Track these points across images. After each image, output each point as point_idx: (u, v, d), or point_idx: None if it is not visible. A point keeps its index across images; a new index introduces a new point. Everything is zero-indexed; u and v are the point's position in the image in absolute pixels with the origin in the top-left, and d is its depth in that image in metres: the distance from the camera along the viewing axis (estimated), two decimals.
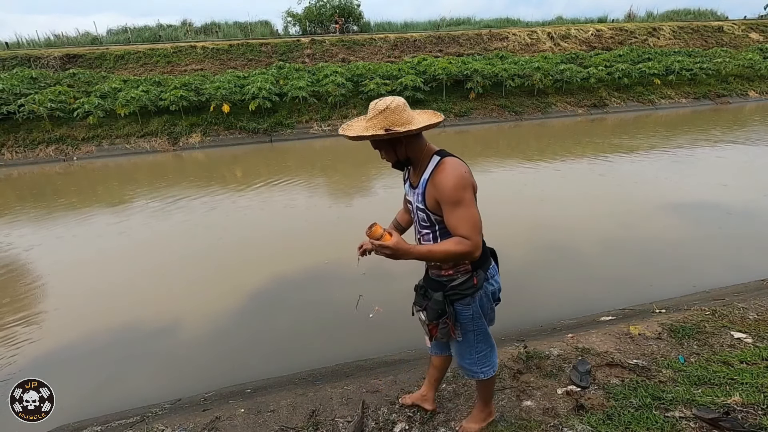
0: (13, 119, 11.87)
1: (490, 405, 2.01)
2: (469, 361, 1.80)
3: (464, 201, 1.48)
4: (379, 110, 1.49)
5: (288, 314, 3.90)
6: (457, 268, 1.65)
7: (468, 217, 1.48)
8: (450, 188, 1.48)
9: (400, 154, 1.60)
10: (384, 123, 1.49)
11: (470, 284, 1.64)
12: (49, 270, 5.11)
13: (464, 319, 1.70)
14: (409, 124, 1.50)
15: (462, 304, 1.68)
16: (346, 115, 13.53)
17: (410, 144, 1.57)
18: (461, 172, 1.50)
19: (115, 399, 2.97)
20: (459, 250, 1.47)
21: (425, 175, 1.58)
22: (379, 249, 1.44)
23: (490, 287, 1.72)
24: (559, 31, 20.74)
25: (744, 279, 3.89)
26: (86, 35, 20.80)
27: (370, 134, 1.48)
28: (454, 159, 1.55)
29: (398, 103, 1.50)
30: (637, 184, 7.04)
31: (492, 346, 1.82)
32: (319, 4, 23.60)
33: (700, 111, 15.04)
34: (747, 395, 1.96)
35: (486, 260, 1.70)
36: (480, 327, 1.74)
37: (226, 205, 7.05)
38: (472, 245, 1.47)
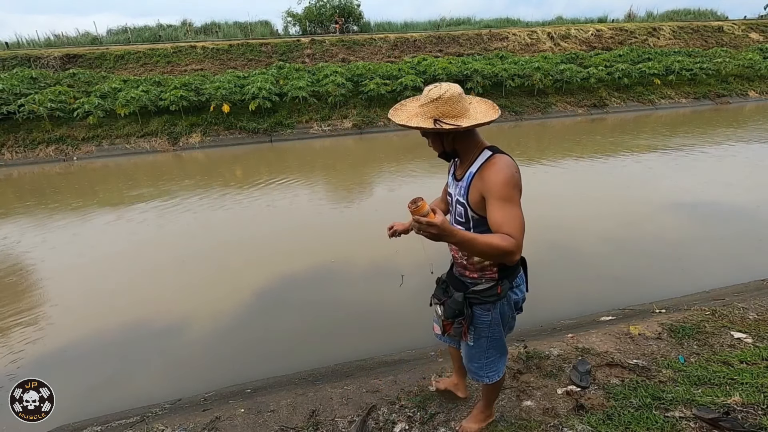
0: (13, 119, 11.86)
1: (492, 407, 2.01)
2: (477, 365, 1.76)
3: (513, 199, 1.40)
4: (432, 99, 1.41)
5: (288, 314, 3.90)
6: (482, 273, 1.60)
7: (515, 215, 1.38)
8: (500, 183, 1.40)
9: (447, 146, 1.53)
10: (434, 113, 1.41)
11: (493, 292, 1.59)
12: (49, 270, 5.10)
13: (481, 324, 1.65)
14: (461, 117, 1.41)
15: (481, 309, 1.63)
16: (346, 115, 13.54)
17: (459, 136, 1.49)
18: (513, 171, 1.42)
19: (115, 399, 2.97)
20: (502, 246, 1.33)
21: (473, 168, 1.49)
22: (425, 227, 1.26)
23: (513, 296, 1.66)
24: (559, 31, 20.74)
25: (744, 279, 3.89)
26: (86, 35, 20.81)
27: (414, 126, 1.42)
28: (507, 156, 1.47)
29: (452, 93, 1.41)
30: (638, 184, 7.04)
31: (503, 353, 1.77)
32: (319, 4, 23.61)
33: (700, 111, 15.04)
34: (747, 395, 1.96)
35: (515, 270, 1.63)
36: (495, 334, 1.68)
37: (226, 206, 7.05)
38: (515, 245, 1.35)
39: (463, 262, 1.64)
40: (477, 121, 1.42)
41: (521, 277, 1.69)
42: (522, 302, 1.72)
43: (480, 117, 1.44)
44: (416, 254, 5.00)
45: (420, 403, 2.25)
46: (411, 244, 5.17)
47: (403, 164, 9.58)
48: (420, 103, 1.46)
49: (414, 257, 4.80)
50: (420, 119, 1.43)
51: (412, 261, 4.69)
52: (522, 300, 1.72)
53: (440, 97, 1.41)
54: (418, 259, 4.77)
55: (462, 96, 1.44)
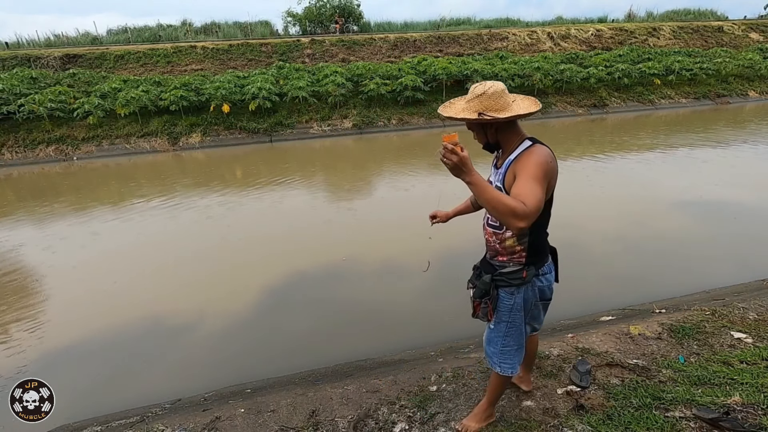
0: (13, 119, 11.86)
1: (494, 407, 2.03)
2: (493, 349, 1.85)
3: (538, 179, 1.46)
4: (476, 94, 1.55)
5: (288, 314, 3.91)
6: (511, 257, 1.71)
7: (535, 191, 1.42)
8: (532, 163, 1.50)
9: (491, 137, 1.65)
10: (479, 107, 1.55)
11: (518, 276, 1.69)
12: (49, 270, 5.10)
13: (503, 307, 1.75)
14: (503, 111, 1.54)
15: (506, 292, 1.73)
16: (346, 115, 13.53)
17: (501, 129, 1.62)
18: (548, 159, 1.53)
19: (115, 399, 2.97)
20: (511, 205, 1.35)
21: (512, 156, 1.60)
22: (448, 154, 1.36)
23: (539, 283, 1.75)
24: (559, 31, 20.73)
25: (744, 279, 3.89)
26: (86, 35, 20.80)
27: (460, 117, 1.57)
28: (545, 147, 1.58)
29: (496, 89, 1.54)
30: (638, 184, 7.04)
31: (521, 347, 1.83)
32: (319, 4, 23.60)
33: (700, 111, 15.04)
34: (747, 395, 1.96)
35: (542, 257, 1.74)
36: (515, 320, 1.76)
37: (225, 206, 7.05)
38: (524, 212, 1.35)
39: (495, 245, 1.74)
40: (516, 113, 1.54)
41: (549, 266, 1.79)
42: (549, 292, 1.82)
43: (519, 110, 1.57)
44: (420, 255, 5.00)
45: (420, 403, 2.25)
46: (410, 246, 5.15)
47: (403, 164, 9.57)
48: (466, 99, 1.61)
49: (416, 257, 4.81)
50: (466, 113, 1.57)
51: (411, 263, 4.70)
52: (548, 288, 1.80)
53: (484, 93, 1.55)
54: (420, 262, 4.77)
55: (505, 92, 1.57)
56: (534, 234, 1.66)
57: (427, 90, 14.15)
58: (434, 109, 13.99)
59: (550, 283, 1.80)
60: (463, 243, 5.03)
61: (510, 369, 1.83)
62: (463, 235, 5.11)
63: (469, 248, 4.94)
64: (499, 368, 1.84)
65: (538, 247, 1.71)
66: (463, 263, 4.61)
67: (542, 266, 1.74)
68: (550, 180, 1.54)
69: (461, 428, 2.03)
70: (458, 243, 5.03)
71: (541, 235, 1.72)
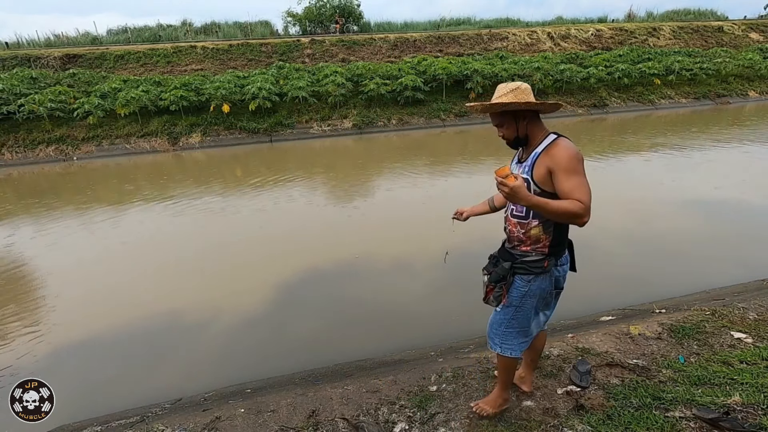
0: (13, 119, 11.86)
1: (507, 392, 2.09)
2: (496, 330, 1.92)
3: (579, 171, 1.60)
4: (510, 89, 1.70)
5: (288, 314, 3.91)
6: (535, 247, 1.77)
7: (582, 183, 1.59)
8: (567, 158, 1.60)
9: (521, 131, 1.74)
10: (513, 99, 1.68)
11: (540, 265, 1.76)
12: (48, 270, 5.11)
13: (515, 293, 1.82)
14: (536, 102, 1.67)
15: (522, 279, 1.80)
16: (346, 115, 13.53)
17: (532, 122, 1.73)
18: (576, 149, 1.64)
19: (115, 399, 2.97)
20: (573, 209, 1.54)
21: (538, 149, 1.70)
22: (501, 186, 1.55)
23: (555, 273, 1.83)
24: (559, 31, 20.73)
25: (744, 279, 3.89)
26: (86, 35, 20.80)
27: (509, 101, 1.66)
28: (567, 140, 1.68)
29: (527, 87, 1.71)
30: (638, 184, 7.04)
31: (523, 332, 1.89)
32: (319, 4, 23.59)
33: (700, 111, 15.04)
34: (747, 395, 1.96)
35: (563, 248, 1.81)
36: (524, 305, 1.83)
37: (224, 206, 7.06)
38: (585, 209, 1.55)
39: (519, 235, 1.80)
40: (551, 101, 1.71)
41: (565, 257, 1.86)
42: (564, 281, 1.89)
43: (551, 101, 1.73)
44: (421, 255, 4.99)
45: (420, 403, 2.25)
46: (411, 246, 5.14)
47: (404, 164, 9.57)
48: (498, 95, 1.73)
49: (417, 257, 4.81)
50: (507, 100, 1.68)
51: (412, 262, 4.69)
52: (562, 277, 1.88)
53: (518, 88, 1.70)
54: (421, 263, 4.77)
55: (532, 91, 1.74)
56: (558, 226, 1.74)
57: (427, 90, 14.15)
58: (434, 109, 14.01)
59: (565, 272, 1.88)
60: (465, 243, 5.03)
61: (510, 350, 1.90)
62: (465, 236, 5.11)
63: (469, 249, 4.94)
64: (500, 349, 1.92)
65: (561, 238, 1.78)
66: (464, 263, 4.62)
67: (561, 257, 1.82)
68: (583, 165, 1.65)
69: (476, 408, 2.11)
70: (460, 243, 5.03)
71: (561, 227, 1.77)
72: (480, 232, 4.13)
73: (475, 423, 2.07)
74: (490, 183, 6.36)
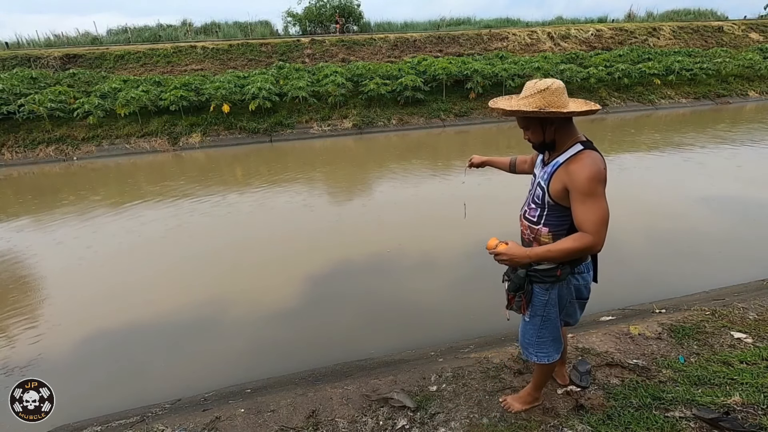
0: (13, 119, 11.86)
1: (540, 391, 2.08)
2: (528, 341, 1.87)
3: (596, 194, 1.48)
4: (539, 89, 1.51)
5: (288, 314, 3.91)
6: None
7: (597, 210, 1.48)
8: (584, 179, 1.48)
9: (548, 136, 1.60)
10: (540, 103, 1.50)
11: (552, 274, 1.67)
12: (48, 270, 5.11)
13: (538, 302, 1.76)
14: (564, 108, 1.51)
15: (540, 288, 1.73)
16: (346, 115, 13.53)
17: (561, 127, 1.58)
18: (599, 166, 1.49)
19: (115, 399, 2.97)
20: (578, 246, 1.49)
21: (561, 158, 1.59)
22: (497, 259, 1.59)
23: (574, 281, 1.75)
24: (559, 31, 20.72)
25: (744, 279, 3.89)
26: (86, 35, 20.79)
27: (531, 110, 1.50)
28: (595, 153, 1.54)
29: (558, 86, 1.52)
30: (638, 184, 7.04)
31: (556, 338, 1.84)
32: (319, 4, 23.59)
33: (700, 111, 15.04)
34: (747, 395, 1.96)
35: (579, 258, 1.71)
36: (549, 315, 1.77)
37: (223, 207, 7.06)
38: (594, 241, 1.48)
39: (530, 240, 1.75)
40: (580, 108, 1.53)
41: (586, 265, 1.77)
42: (587, 291, 1.81)
43: (581, 107, 1.54)
44: (423, 254, 4.99)
45: (420, 403, 2.25)
46: (411, 246, 5.14)
47: (405, 163, 9.57)
48: (524, 95, 1.55)
49: (418, 256, 4.81)
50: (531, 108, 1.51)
51: (412, 262, 4.69)
52: (584, 287, 1.80)
53: (547, 89, 1.50)
54: (422, 264, 4.77)
55: (565, 90, 1.55)
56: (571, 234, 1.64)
57: (427, 90, 14.14)
58: (434, 109, 14.00)
59: (587, 282, 1.79)
60: (467, 244, 5.03)
61: (546, 358, 1.86)
62: (468, 236, 5.12)
63: (471, 249, 4.94)
64: (536, 358, 1.87)
65: None
66: (466, 263, 4.62)
67: (578, 265, 1.72)
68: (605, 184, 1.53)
69: (504, 403, 2.13)
70: (462, 244, 5.04)
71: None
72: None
73: (475, 423, 2.07)
74: (487, 183, 6.40)
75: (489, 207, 5.56)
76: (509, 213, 2.29)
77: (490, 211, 5.26)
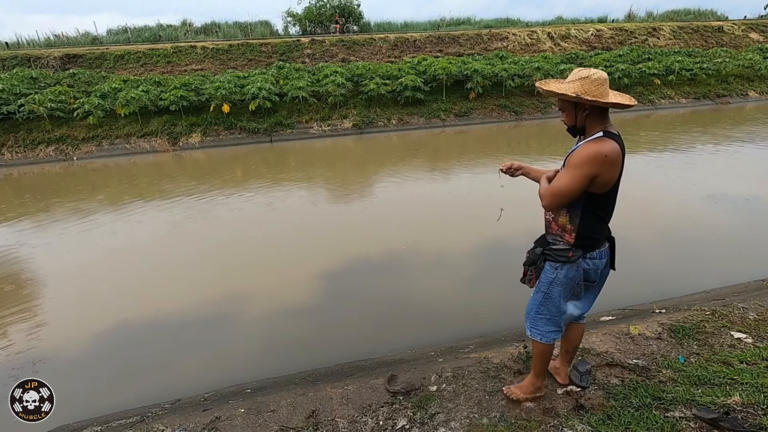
0: (13, 119, 11.85)
1: (541, 380, 2.11)
2: (528, 313, 2.02)
3: (578, 167, 1.63)
4: (580, 77, 1.63)
5: (287, 315, 3.91)
6: (562, 235, 1.83)
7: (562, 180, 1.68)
8: (579, 154, 1.64)
9: (579, 121, 1.71)
10: (579, 89, 1.62)
11: (564, 254, 1.81)
12: (49, 270, 5.11)
13: (544, 278, 1.90)
14: (600, 98, 1.61)
15: (551, 266, 1.87)
16: (346, 115, 13.52)
17: (592, 115, 1.68)
18: (599, 150, 1.60)
19: (115, 399, 2.97)
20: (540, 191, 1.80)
21: (581, 143, 1.71)
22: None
23: (584, 265, 1.83)
24: (559, 31, 20.72)
25: (744, 279, 3.89)
26: (86, 35, 20.79)
27: (562, 93, 1.64)
28: (611, 141, 1.63)
29: (598, 76, 1.62)
30: (637, 184, 7.03)
31: (553, 321, 1.94)
32: (319, 4, 23.59)
33: (700, 111, 15.04)
34: (747, 395, 1.96)
35: (592, 243, 1.81)
36: (552, 293, 1.88)
37: (221, 207, 7.05)
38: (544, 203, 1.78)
39: (550, 221, 1.88)
40: (613, 101, 1.63)
41: (600, 252, 1.84)
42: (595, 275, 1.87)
43: (612, 99, 1.64)
44: (425, 254, 4.99)
45: (420, 403, 2.25)
46: (413, 245, 5.13)
47: (406, 164, 9.57)
48: (568, 80, 1.69)
49: (419, 256, 4.81)
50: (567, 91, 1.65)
51: (413, 261, 4.69)
52: (594, 272, 1.86)
53: (588, 77, 1.62)
54: (423, 266, 4.77)
55: (606, 82, 1.65)
56: (584, 219, 1.75)
57: (427, 90, 14.14)
58: (434, 109, 13.99)
59: (597, 267, 1.85)
60: (469, 245, 5.04)
61: (539, 336, 1.98)
62: (471, 238, 5.12)
63: (473, 250, 4.94)
64: (529, 332, 2.02)
65: (588, 233, 1.77)
66: (466, 265, 4.62)
67: (592, 251, 1.81)
68: (599, 173, 1.62)
69: (507, 392, 2.19)
70: (464, 245, 5.04)
71: (591, 221, 1.76)
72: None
73: (475, 423, 2.07)
74: (488, 183, 6.36)
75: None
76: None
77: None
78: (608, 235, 1.88)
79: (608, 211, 1.81)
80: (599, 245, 1.83)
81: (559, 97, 1.69)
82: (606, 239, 1.87)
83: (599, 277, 1.90)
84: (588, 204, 1.72)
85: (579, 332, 2.14)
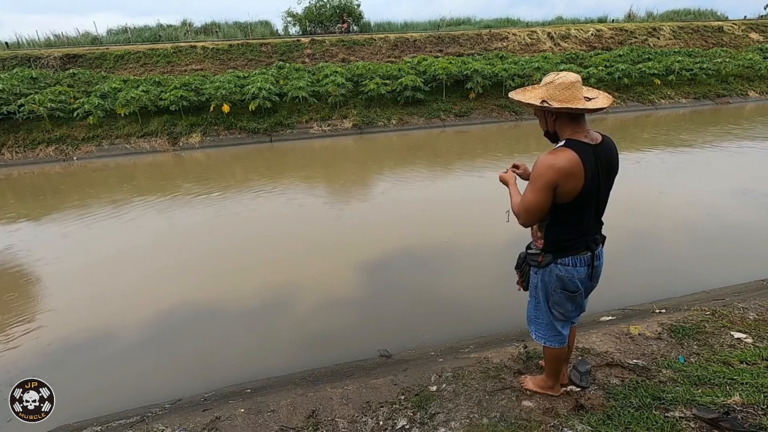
0: (13, 119, 11.85)
1: (554, 379, 2.12)
2: (529, 317, 2.04)
3: (534, 182, 1.63)
4: (546, 82, 1.64)
5: (287, 315, 3.91)
6: (536, 239, 1.87)
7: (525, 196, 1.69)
8: (535, 168, 1.64)
9: (550, 126, 1.73)
10: (544, 95, 1.62)
11: (535, 259, 1.86)
12: (49, 270, 5.10)
13: (531, 283, 1.96)
14: (564, 103, 1.58)
15: (532, 270, 1.92)
16: (346, 115, 13.52)
17: (561, 120, 1.66)
18: (552, 162, 1.58)
19: (115, 399, 2.97)
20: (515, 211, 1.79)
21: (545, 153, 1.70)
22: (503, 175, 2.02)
23: (557, 271, 1.80)
24: (559, 31, 20.71)
25: (744, 279, 3.89)
26: (86, 35, 20.76)
27: (526, 102, 1.65)
28: (564, 152, 1.60)
29: (564, 81, 1.59)
30: (637, 184, 7.03)
31: (550, 324, 1.94)
32: (319, 4, 23.57)
33: (700, 111, 15.04)
34: (747, 395, 1.96)
35: (563, 250, 1.78)
36: (539, 298, 1.92)
37: (216, 209, 7.05)
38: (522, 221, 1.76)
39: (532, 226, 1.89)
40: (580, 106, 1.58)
41: (573, 259, 1.78)
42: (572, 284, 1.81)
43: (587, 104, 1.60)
44: (423, 252, 4.98)
45: (420, 403, 2.25)
46: (413, 245, 5.12)
47: (407, 164, 9.57)
48: (539, 85, 1.69)
49: (419, 255, 4.80)
50: (532, 99, 1.65)
51: (413, 261, 4.68)
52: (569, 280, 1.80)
53: (552, 82, 1.61)
54: (423, 265, 4.76)
55: (574, 85, 1.59)
56: (550, 225, 1.77)
57: (427, 90, 14.13)
58: (434, 109, 13.99)
59: (571, 275, 1.80)
60: (471, 245, 5.03)
61: (543, 340, 1.99)
62: (472, 238, 5.12)
63: (473, 250, 4.94)
64: (534, 335, 2.03)
65: (554, 238, 1.78)
66: (468, 264, 4.61)
67: (563, 258, 1.79)
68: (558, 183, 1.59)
69: (521, 380, 2.27)
70: (466, 245, 5.04)
71: (558, 228, 1.76)
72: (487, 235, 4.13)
73: (475, 423, 2.07)
74: (487, 183, 6.38)
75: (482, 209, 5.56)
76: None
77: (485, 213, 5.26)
78: (589, 244, 1.79)
79: (581, 219, 1.72)
80: (571, 252, 1.76)
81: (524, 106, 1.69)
82: (586, 248, 1.78)
83: (580, 287, 1.82)
84: (554, 211, 1.70)
85: (572, 334, 2.14)
